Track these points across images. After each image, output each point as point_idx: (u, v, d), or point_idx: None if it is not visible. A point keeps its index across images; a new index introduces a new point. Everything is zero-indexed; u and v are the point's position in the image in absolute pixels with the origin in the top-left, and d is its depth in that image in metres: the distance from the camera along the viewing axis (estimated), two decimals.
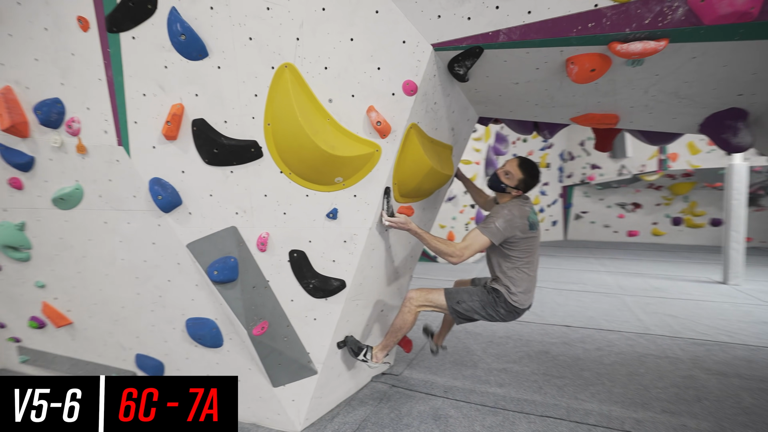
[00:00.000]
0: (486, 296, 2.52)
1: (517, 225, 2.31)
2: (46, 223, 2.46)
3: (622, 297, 5.86)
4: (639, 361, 3.63)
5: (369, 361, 2.56)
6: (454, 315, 2.54)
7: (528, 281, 2.50)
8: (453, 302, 2.51)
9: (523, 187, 2.40)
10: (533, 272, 2.50)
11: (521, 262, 2.43)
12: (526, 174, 2.38)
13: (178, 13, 1.79)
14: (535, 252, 2.49)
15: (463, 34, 1.79)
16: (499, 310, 2.51)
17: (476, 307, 2.52)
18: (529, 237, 2.38)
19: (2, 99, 2.07)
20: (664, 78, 1.95)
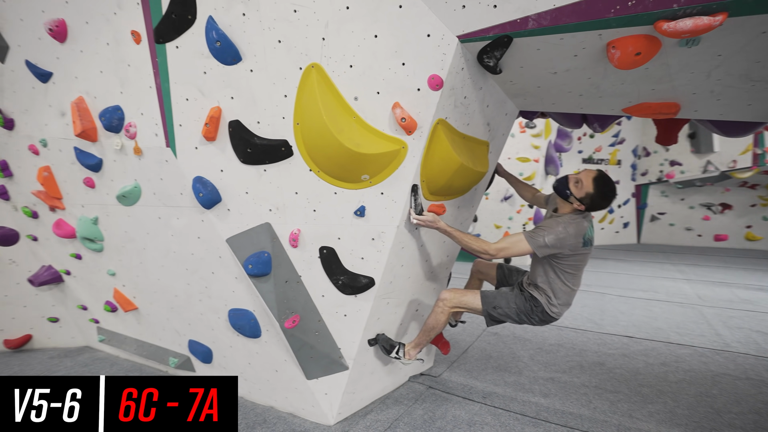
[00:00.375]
0: (523, 303, 2.44)
1: (569, 244, 2.18)
2: (113, 217, 2.76)
3: (700, 308, 5.24)
4: (712, 381, 3.22)
5: (402, 358, 2.55)
6: (487, 318, 2.49)
7: (570, 294, 2.40)
8: (489, 307, 2.45)
9: (588, 203, 2.20)
10: (577, 286, 2.39)
11: (567, 276, 2.32)
12: (597, 191, 2.17)
13: (214, 21, 1.91)
14: (583, 267, 2.36)
15: (490, 23, 1.70)
16: (534, 318, 2.44)
17: (511, 313, 2.45)
18: (580, 254, 2.26)
19: (75, 108, 2.35)
20: (730, 58, 1.70)
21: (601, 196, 2.18)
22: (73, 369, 3.48)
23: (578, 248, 2.22)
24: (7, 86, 2.69)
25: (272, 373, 2.69)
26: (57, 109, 2.54)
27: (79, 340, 3.98)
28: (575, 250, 2.22)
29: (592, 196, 2.18)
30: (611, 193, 2.21)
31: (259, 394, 2.86)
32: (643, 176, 11.17)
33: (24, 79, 2.59)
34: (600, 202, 2.20)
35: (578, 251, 2.24)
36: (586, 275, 7.73)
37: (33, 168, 2.92)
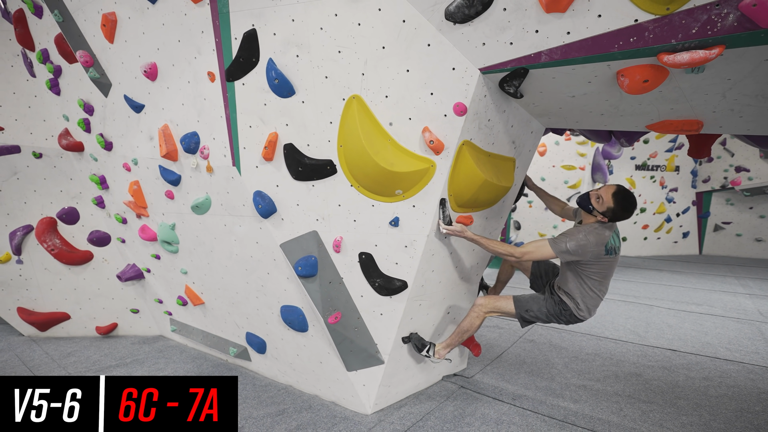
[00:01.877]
0: (553, 307, 2.62)
1: (590, 251, 2.32)
2: (187, 224, 3.24)
3: (758, 325, 4.97)
4: (757, 398, 3.14)
5: (432, 357, 2.78)
6: (521, 320, 2.71)
7: (596, 300, 2.55)
8: (522, 310, 2.66)
9: (611, 216, 2.37)
10: (603, 293, 2.54)
11: (593, 283, 2.48)
12: (617, 205, 2.33)
13: (273, 62, 2.29)
14: (610, 275, 2.49)
15: (507, 57, 1.93)
16: (562, 319, 2.64)
17: (542, 315, 2.66)
18: (604, 262, 2.40)
19: (162, 133, 2.85)
20: (740, 82, 1.80)
21: (622, 208, 2.34)
22: (151, 354, 4.04)
23: (601, 256, 2.36)
24: (108, 116, 3.28)
25: (317, 365, 3.02)
26: (146, 134, 3.06)
27: (155, 329, 4.58)
28: (598, 258, 2.36)
29: (614, 210, 2.34)
30: (631, 206, 2.35)
31: (305, 384, 3.21)
32: (705, 183, 10.51)
33: (121, 110, 3.14)
34: (621, 213, 2.36)
35: (601, 259, 2.38)
36: (634, 286, 7.54)
37: (125, 182, 3.49)
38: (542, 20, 1.76)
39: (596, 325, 4.92)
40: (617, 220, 2.39)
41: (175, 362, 3.83)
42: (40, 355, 4.03)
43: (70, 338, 4.48)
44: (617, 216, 2.36)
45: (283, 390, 3.27)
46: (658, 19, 1.56)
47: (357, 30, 2.11)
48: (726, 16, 1.46)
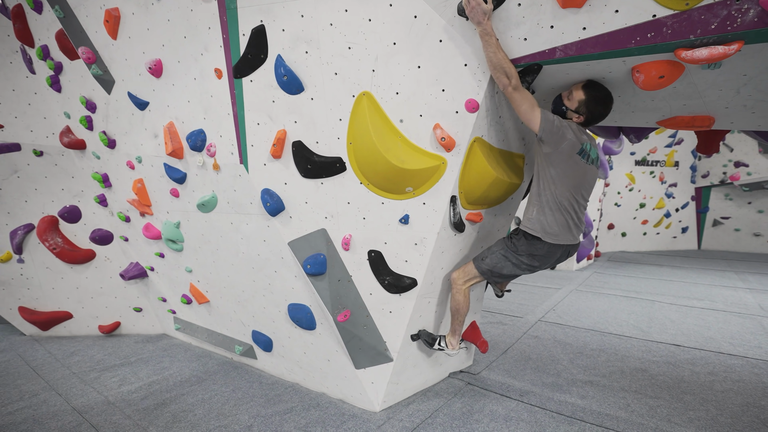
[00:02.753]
0: (507, 242, 2.44)
1: (568, 138, 2.11)
2: (193, 222, 3.21)
3: (760, 319, 5.00)
4: (763, 393, 3.16)
5: (446, 348, 2.76)
6: (487, 276, 2.51)
7: (557, 214, 2.25)
8: (478, 262, 2.51)
9: (584, 111, 2.15)
10: (569, 207, 2.26)
11: (562, 188, 2.21)
12: (588, 96, 2.11)
13: (282, 59, 2.26)
14: (583, 187, 2.27)
15: (521, 53, 1.91)
16: (521, 256, 2.38)
17: (499, 258, 2.44)
18: (578, 164, 2.19)
19: (167, 131, 2.81)
20: (756, 77, 1.79)
21: (594, 99, 2.12)
22: (156, 352, 4.02)
23: (574, 152, 2.16)
24: (111, 113, 3.24)
25: (325, 362, 3.01)
26: (151, 132, 3.03)
27: (158, 328, 4.56)
28: (571, 151, 2.15)
29: (586, 102, 2.13)
30: (605, 97, 2.13)
31: (312, 381, 3.20)
32: (704, 178, 10.54)
33: (125, 107, 3.11)
34: (595, 106, 2.14)
35: (574, 158, 2.17)
36: (635, 281, 7.57)
37: (129, 180, 3.46)
38: (558, 15, 1.74)
39: (599, 321, 4.94)
40: (595, 116, 2.18)
41: (180, 361, 3.81)
42: (43, 354, 4.01)
43: (72, 337, 4.46)
44: (591, 109, 2.14)
45: (290, 388, 3.27)
46: (677, 15, 1.54)
47: (367, 26, 2.09)
48: (746, 12, 1.44)
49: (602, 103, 2.13)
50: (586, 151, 2.21)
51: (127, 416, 2.86)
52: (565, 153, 2.14)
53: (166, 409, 2.94)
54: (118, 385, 3.35)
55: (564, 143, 2.12)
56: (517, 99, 1.99)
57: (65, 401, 3.10)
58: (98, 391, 3.26)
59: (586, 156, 2.22)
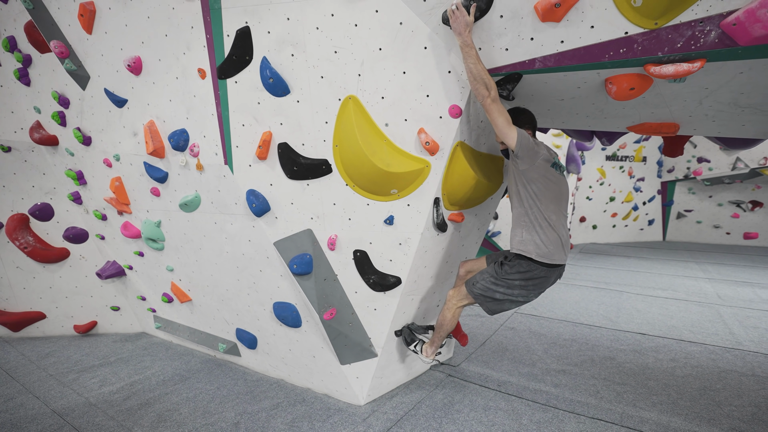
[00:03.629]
0: (497, 269, 2.40)
1: (540, 154, 2.19)
2: (174, 222, 3.18)
3: (717, 307, 5.35)
4: (718, 377, 3.42)
5: (419, 354, 2.80)
6: (480, 301, 2.47)
7: (551, 232, 2.24)
8: (470, 287, 2.48)
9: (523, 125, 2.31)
10: (559, 223, 2.27)
11: (543, 205, 2.22)
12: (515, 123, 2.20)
13: (267, 61, 2.26)
14: (561, 198, 2.31)
15: (503, 63, 1.99)
16: (513, 280, 2.33)
17: (488, 283, 2.40)
18: (552, 177, 2.24)
19: (148, 130, 2.77)
20: (716, 91, 1.93)
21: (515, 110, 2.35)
22: (135, 352, 3.98)
23: (548, 165, 2.23)
24: (86, 109, 3.15)
25: (310, 359, 3.07)
26: (130, 130, 2.97)
27: (137, 326, 4.50)
28: (546, 165, 2.22)
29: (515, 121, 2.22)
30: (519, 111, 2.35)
31: (297, 377, 3.25)
32: (670, 173, 11.05)
33: (102, 104, 3.03)
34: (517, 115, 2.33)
35: (549, 172, 2.23)
36: (605, 273, 7.87)
37: (106, 178, 3.38)
38: (537, 29, 1.82)
39: (572, 312, 5.17)
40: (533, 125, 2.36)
41: (161, 359, 3.79)
42: (15, 356, 3.89)
43: (46, 338, 4.34)
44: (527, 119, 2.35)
45: (275, 384, 3.31)
46: (646, 33, 1.65)
47: (354, 31, 2.12)
48: (708, 33, 1.56)
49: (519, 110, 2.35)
50: (557, 163, 2.31)
51: (111, 417, 2.84)
52: (541, 167, 2.20)
53: (150, 409, 2.94)
54: (99, 385, 3.31)
55: (539, 158, 2.19)
56: (495, 111, 2.03)
57: (44, 404, 3.05)
58: (78, 392, 3.21)
59: (558, 168, 2.31)
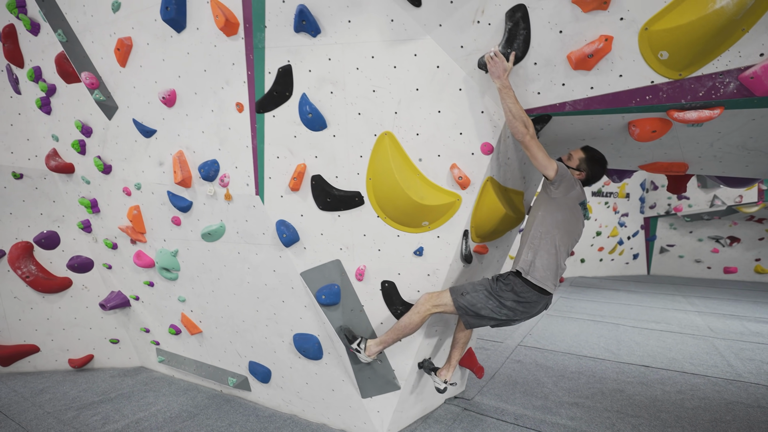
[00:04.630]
0: (492, 283, 2.38)
1: (576, 187, 2.34)
2: (193, 251, 3.16)
3: (711, 340, 5.49)
4: (726, 409, 3.49)
5: (362, 352, 2.57)
6: (461, 312, 2.40)
7: (552, 258, 2.31)
8: (457, 295, 2.40)
9: (585, 168, 2.43)
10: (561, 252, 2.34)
11: (559, 234, 2.31)
12: (587, 155, 2.41)
13: (307, 97, 2.37)
14: (573, 235, 2.40)
15: (535, 105, 2.14)
16: (506, 300, 2.33)
17: (479, 297, 2.36)
18: (578, 212, 2.39)
19: (177, 160, 2.81)
20: (728, 135, 2.12)
21: (593, 159, 2.41)
22: (136, 387, 3.81)
23: (577, 202, 2.38)
24: (110, 138, 3.17)
25: (329, 393, 3.01)
26: (156, 160, 3.00)
27: (135, 360, 4.32)
28: (576, 201, 2.36)
29: (586, 160, 2.41)
30: (601, 158, 2.42)
31: (312, 412, 3.17)
32: (652, 209, 11.52)
33: (127, 134, 3.06)
34: (593, 164, 2.42)
35: (577, 206, 2.38)
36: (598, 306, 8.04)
37: (123, 206, 3.36)
38: (569, 75, 1.99)
39: (573, 344, 5.23)
40: (593, 173, 2.44)
41: (166, 395, 3.64)
42: (6, 392, 3.68)
43: (37, 373, 4.12)
44: (590, 167, 2.42)
45: (288, 420, 3.21)
46: (671, 82, 1.83)
47: (392, 72, 2.26)
48: (728, 84, 1.74)
49: (599, 163, 2.42)
50: (585, 204, 2.44)
51: None
52: (571, 200, 2.33)
53: None
54: (102, 423, 3.15)
55: (573, 191, 2.33)
56: (534, 147, 2.13)
57: None
58: (80, 431, 3.05)
59: (584, 208, 2.43)
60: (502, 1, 1.95)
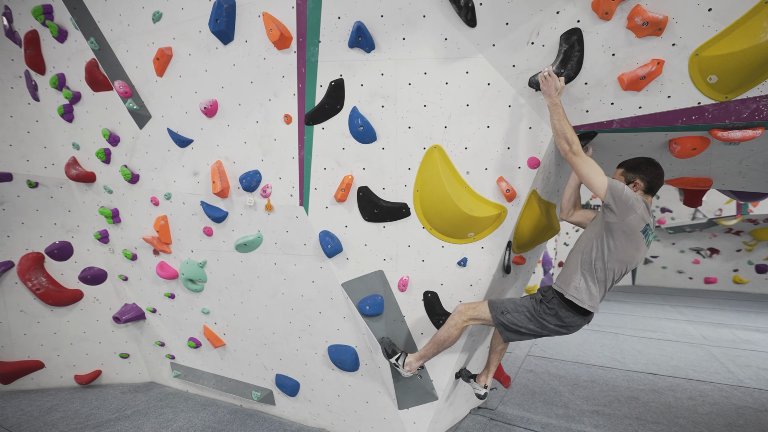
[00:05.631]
0: (535, 305, 2.33)
1: (638, 210, 2.07)
2: (223, 262, 3.12)
3: (707, 348, 5.72)
4: (737, 413, 3.64)
5: (401, 367, 2.59)
6: (501, 328, 2.39)
7: (600, 285, 2.22)
8: (497, 312, 2.37)
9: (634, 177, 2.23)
10: (609, 279, 2.22)
11: (610, 262, 2.16)
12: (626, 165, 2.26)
13: (358, 111, 2.42)
14: (628, 265, 2.21)
15: (582, 122, 2.25)
16: (549, 324, 2.29)
17: (521, 317, 2.33)
18: (638, 240, 2.13)
19: (216, 170, 2.79)
20: (759, 153, 2.28)
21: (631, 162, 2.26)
22: (152, 403, 3.69)
23: (638, 229, 2.11)
24: (140, 148, 3.12)
25: (362, 405, 3.00)
26: (190, 169, 2.97)
27: (145, 375, 4.19)
28: (636, 227, 2.10)
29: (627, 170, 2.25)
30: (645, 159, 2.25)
31: (342, 426, 3.14)
32: None
33: (160, 143, 3.03)
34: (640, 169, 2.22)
35: (637, 233, 2.12)
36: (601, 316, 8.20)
37: (149, 216, 3.29)
38: (618, 95, 2.11)
39: (580, 353, 5.35)
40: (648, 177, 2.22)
41: (184, 411, 3.53)
42: (13, 412, 3.50)
43: (41, 390, 3.94)
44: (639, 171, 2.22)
45: None
46: (717, 104, 1.96)
47: (444, 88, 2.33)
48: None
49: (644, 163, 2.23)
50: (649, 229, 2.15)
51: None
52: (629, 226, 2.09)
53: None
54: None
55: (632, 215, 2.07)
56: (578, 163, 2.10)
57: None
58: None
59: (646, 235, 2.16)
60: (558, 25, 2.06)
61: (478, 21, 2.17)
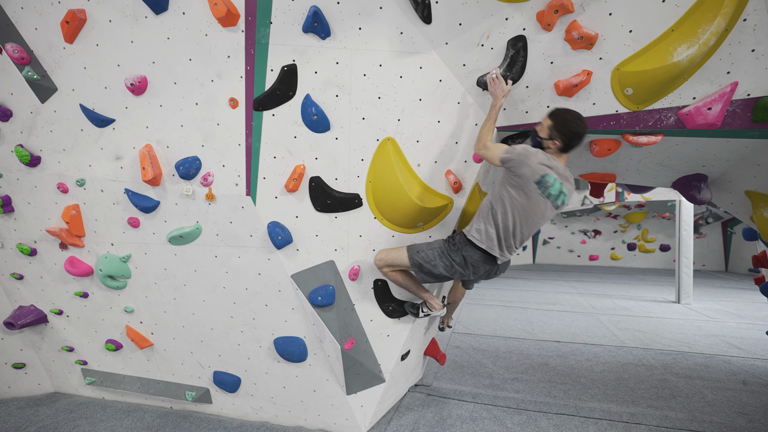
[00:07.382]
0: (444, 244, 2.46)
1: (529, 165, 2.15)
2: (153, 256, 2.84)
3: (596, 316, 6.71)
4: (622, 369, 4.37)
5: (432, 311, 2.71)
6: (416, 269, 2.47)
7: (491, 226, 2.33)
8: (413, 252, 2.47)
9: (557, 136, 2.19)
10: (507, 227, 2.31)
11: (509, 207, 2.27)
12: (555, 120, 2.18)
13: (312, 99, 2.35)
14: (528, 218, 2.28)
15: (522, 122, 2.47)
16: (455, 259, 2.40)
17: (435, 255, 2.43)
18: (531, 194, 2.21)
19: (147, 155, 2.50)
20: (654, 154, 2.72)
21: (563, 121, 2.17)
22: (59, 417, 3.26)
23: (531, 183, 2.18)
24: (42, 125, 2.66)
25: (309, 394, 3.00)
26: (111, 153, 2.62)
27: (46, 386, 3.68)
28: (528, 182, 2.18)
29: (554, 126, 2.19)
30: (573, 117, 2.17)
31: (287, 417, 3.12)
32: None
33: (69, 121, 2.61)
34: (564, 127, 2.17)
35: (530, 188, 2.19)
36: (505, 293, 9.07)
37: (54, 205, 2.84)
38: (554, 100, 2.35)
39: (497, 328, 5.92)
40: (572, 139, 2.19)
41: (104, 420, 3.19)
42: None
43: None
44: (565, 132, 2.17)
45: (261, 427, 3.11)
46: (631, 113, 2.30)
47: (398, 81, 2.38)
48: (669, 118, 2.27)
49: (567, 122, 2.17)
50: (546, 184, 2.18)
51: None
52: (523, 178, 2.18)
53: None
54: None
55: (524, 168, 2.16)
56: (488, 155, 2.26)
57: None
58: None
59: (543, 188, 2.19)
60: (506, 30, 2.22)
61: (434, 18, 2.24)
